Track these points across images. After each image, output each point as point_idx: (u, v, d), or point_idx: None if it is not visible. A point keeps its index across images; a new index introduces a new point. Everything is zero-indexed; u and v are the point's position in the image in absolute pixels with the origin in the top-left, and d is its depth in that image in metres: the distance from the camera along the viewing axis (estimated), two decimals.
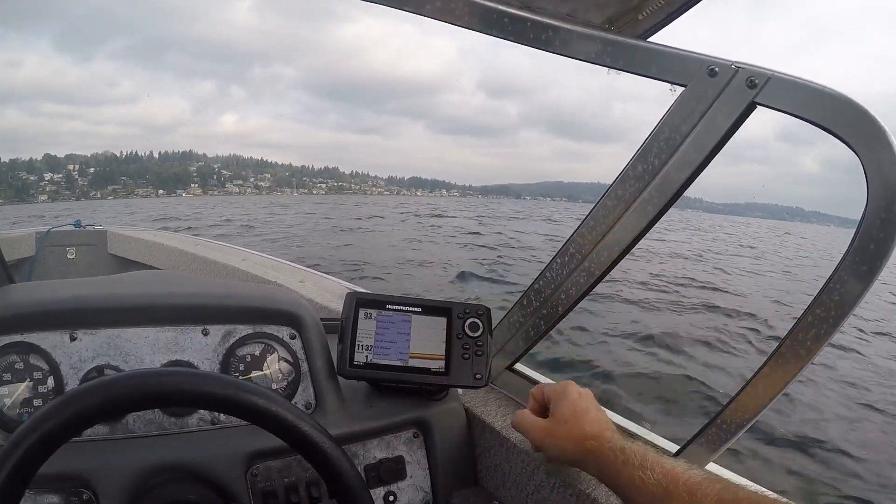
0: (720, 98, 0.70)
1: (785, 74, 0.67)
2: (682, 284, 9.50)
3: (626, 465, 0.60)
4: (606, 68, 0.76)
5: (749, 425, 0.75)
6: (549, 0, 0.75)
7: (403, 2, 0.76)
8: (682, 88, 0.72)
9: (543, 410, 0.78)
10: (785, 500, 0.43)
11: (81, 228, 3.09)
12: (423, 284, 8.60)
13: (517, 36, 0.76)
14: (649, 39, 0.75)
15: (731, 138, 0.72)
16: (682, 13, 0.74)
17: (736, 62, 0.70)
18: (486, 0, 0.76)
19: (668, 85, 0.75)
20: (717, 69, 0.70)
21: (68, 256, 2.98)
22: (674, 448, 0.82)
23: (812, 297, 0.68)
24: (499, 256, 11.90)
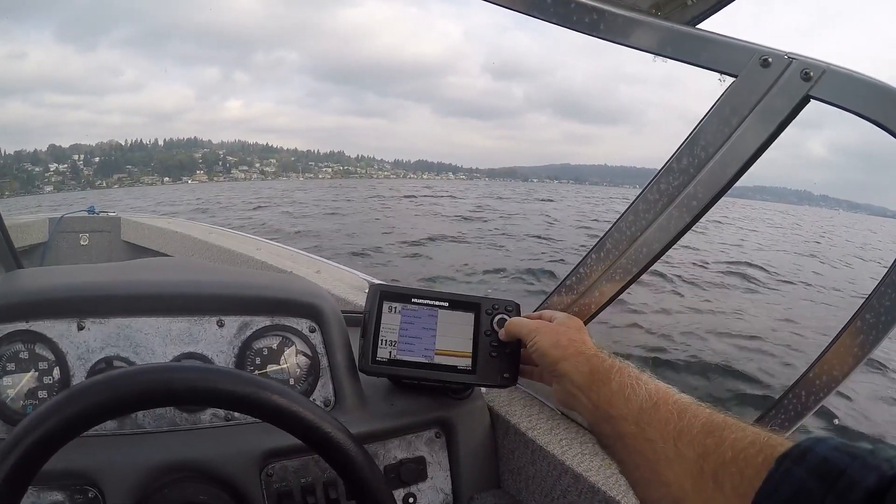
0: (772, 90, 0.67)
1: (840, 68, 0.64)
2: None
3: (620, 373, 0.57)
4: (653, 55, 0.72)
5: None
6: None
7: None
8: (732, 79, 0.69)
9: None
10: (767, 431, 0.41)
11: (95, 215, 3.05)
12: None
13: (560, 18, 0.73)
14: (698, 27, 0.72)
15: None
16: (731, 0, 0.71)
17: (789, 53, 0.67)
18: None
19: (701, 71, 0.72)
20: (770, 59, 0.67)
21: (81, 243, 2.93)
22: None
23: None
24: None
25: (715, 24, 0.73)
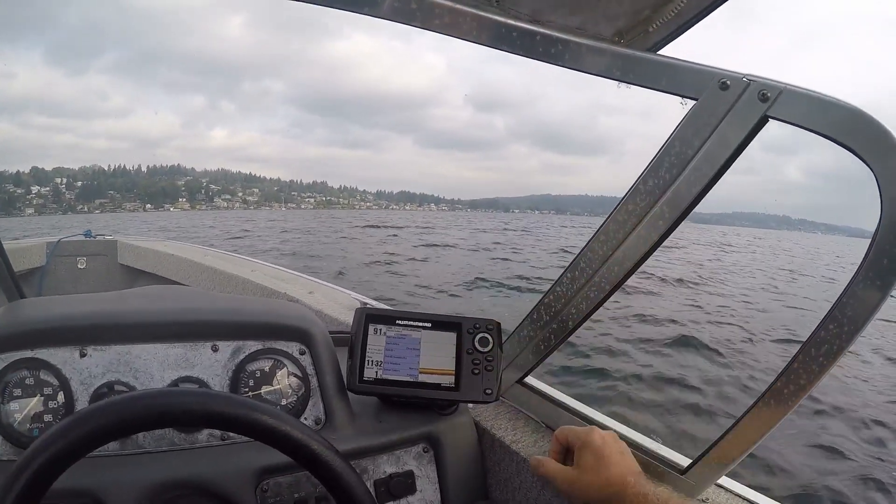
0: (732, 112, 0.69)
1: (797, 87, 0.67)
2: None
3: None
4: (616, 82, 0.75)
5: (761, 440, 0.74)
6: (559, 14, 0.74)
7: (411, 17, 0.75)
8: (694, 102, 0.72)
9: (565, 452, 0.80)
10: None
11: (92, 238, 3.12)
12: None
13: (526, 50, 0.76)
14: (659, 52, 0.75)
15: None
16: (691, 25, 0.74)
17: (747, 75, 0.69)
18: (495, 15, 0.75)
19: (678, 99, 0.74)
20: (728, 82, 0.69)
21: (79, 266, 3.00)
22: (685, 461, 0.82)
23: (824, 314, 0.68)
24: None
25: (677, 50, 0.76)
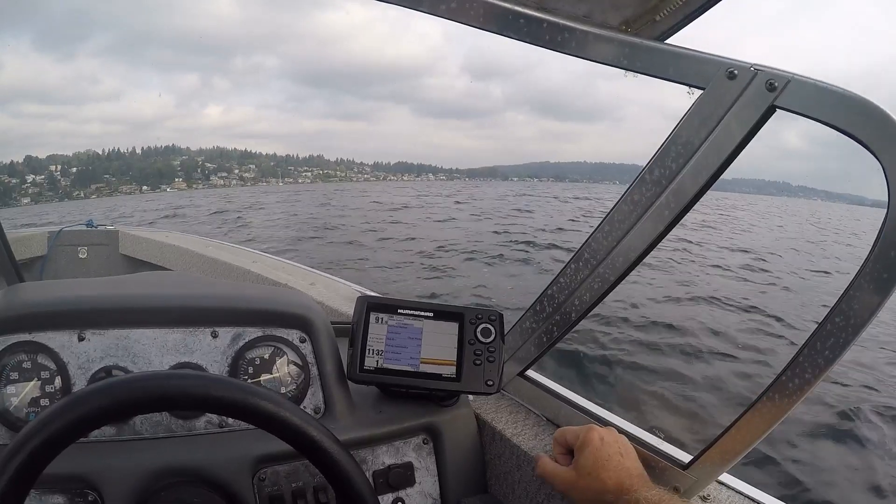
0: (739, 101, 0.69)
1: (805, 77, 0.66)
2: None
3: None
4: (623, 70, 0.75)
5: (764, 436, 0.73)
6: (566, 1, 0.74)
7: (418, 3, 0.75)
8: (700, 91, 0.72)
9: (567, 453, 0.79)
10: None
11: (93, 228, 3.12)
12: None
13: (533, 37, 0.76)
14: (667, 41, 0.74)
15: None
16: (699, 15, 0.73)
17: (755, 64, 0.68)
18: (502, 1, 0.75)
19: (686, 87, 0.74)
20: (735, 72, 0.69)
21: (80, 256, 3.00)
22: (686, 457, 0.81)
23: (830, 307, 0.67)
24: None
25: (684, 39, 0.76)
